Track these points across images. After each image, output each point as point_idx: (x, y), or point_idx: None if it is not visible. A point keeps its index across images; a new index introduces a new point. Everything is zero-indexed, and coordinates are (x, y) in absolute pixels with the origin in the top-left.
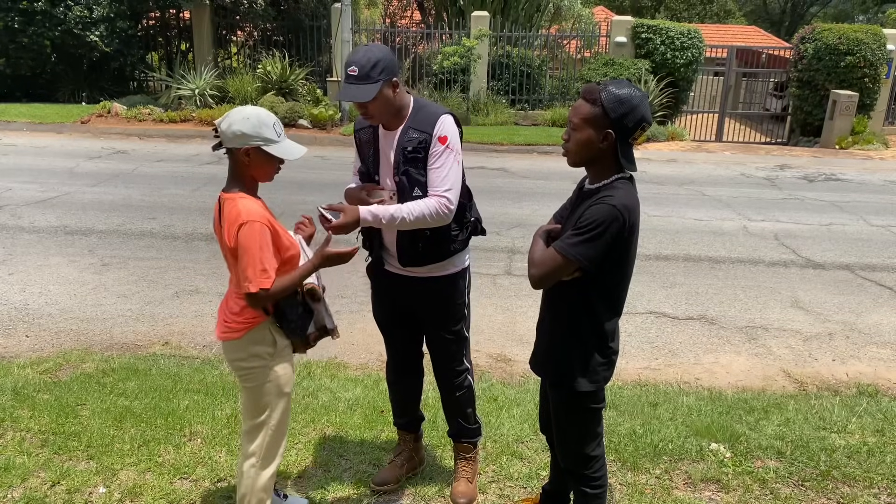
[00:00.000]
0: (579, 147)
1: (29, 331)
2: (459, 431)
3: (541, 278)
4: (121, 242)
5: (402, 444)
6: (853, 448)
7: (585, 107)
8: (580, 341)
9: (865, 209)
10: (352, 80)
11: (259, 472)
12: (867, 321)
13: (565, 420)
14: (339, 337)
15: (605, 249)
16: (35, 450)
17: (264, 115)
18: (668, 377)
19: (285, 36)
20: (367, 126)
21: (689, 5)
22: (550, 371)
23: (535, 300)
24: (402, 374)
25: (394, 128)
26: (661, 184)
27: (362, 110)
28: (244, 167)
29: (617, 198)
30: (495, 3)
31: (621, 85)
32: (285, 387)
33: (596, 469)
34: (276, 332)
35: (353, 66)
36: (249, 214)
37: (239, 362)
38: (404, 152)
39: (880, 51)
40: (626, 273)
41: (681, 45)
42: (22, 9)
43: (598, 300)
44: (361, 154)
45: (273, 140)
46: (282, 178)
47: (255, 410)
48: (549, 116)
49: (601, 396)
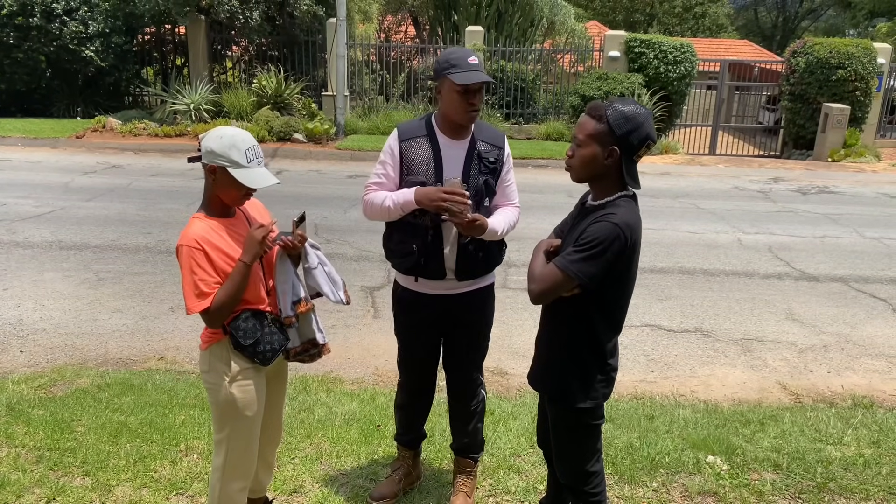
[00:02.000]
0: (584, 164)
1: (23, 346)
2: (466, 446)
3: (540, 294)
4: (116, 257)
5: (400, 459)
6: (849, 460)
7: (591, 123)
8: (579, 358)
9: (859, 221)
10: (475, 68)
11: (223, 486)
12: (862, 333)
13: (564, 436)
14: (330, 352)
15: (606, 267)
16: (30, 466)
17: (239, 139)
18: (664, 390)
19: (280, 51)
20: (421, 135)
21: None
22: (549, 387)
23: (531, 314)
24: (419, 396)
25: (462, 137)
26: (655, 197)
27: (473, 101)
28: (210, 185)
29: (619, 216)
30: (489, 17)
31: (626, 102)
32: (245, 410)
33: (595, 485)
34: (232, 353)
35: (472, 56)
36: (183, 237)
37: (203, 373)
38: (484, 162)
39: (871, 64)
40: (627, 291)
41: (674, 59)
42: (17, 24)
43: (598, 317)
44: (411, 164)
45: (240, 164)
46: (278, 192)
47: (216, 425)
48: (543, 130)
49: (600, 413)
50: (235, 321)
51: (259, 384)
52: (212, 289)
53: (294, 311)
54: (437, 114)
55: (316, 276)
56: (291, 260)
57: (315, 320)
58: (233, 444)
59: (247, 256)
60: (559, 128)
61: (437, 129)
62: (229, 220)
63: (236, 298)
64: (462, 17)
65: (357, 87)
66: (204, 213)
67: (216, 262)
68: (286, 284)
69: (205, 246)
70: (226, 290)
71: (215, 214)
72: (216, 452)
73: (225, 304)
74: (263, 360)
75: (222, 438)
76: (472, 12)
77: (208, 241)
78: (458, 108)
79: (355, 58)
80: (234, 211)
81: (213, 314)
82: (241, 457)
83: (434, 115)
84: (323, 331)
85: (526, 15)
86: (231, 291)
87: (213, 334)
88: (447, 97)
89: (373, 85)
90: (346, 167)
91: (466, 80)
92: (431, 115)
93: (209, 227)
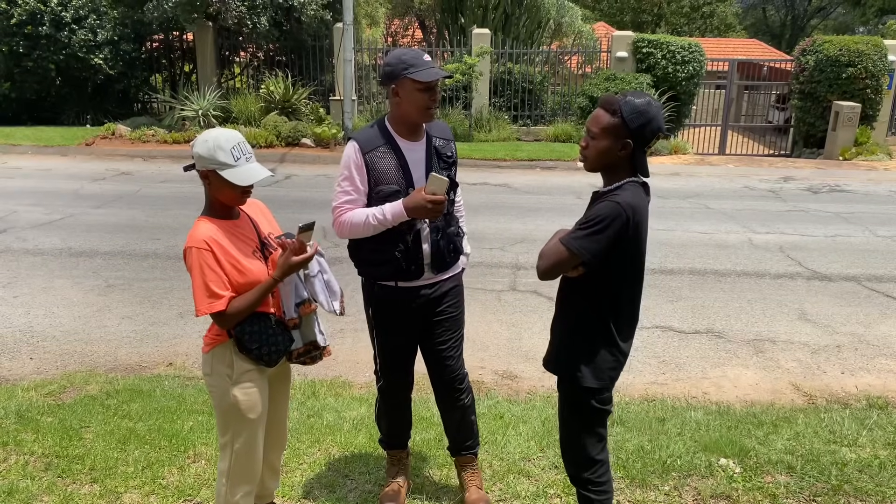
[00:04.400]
0: (598, 155)
1: (33, 353)
2: (463, 443)
3: (545, 270)
4: (125, 264)
5: (395, 463)
6: (864, 462)
7: (605, 117)
8: (588, 339)
9: (871, 220)
10: (432, 65)
11: (228, 490)
12: (875, 332)
13: (569, 417)
14: (331, 354)
15: (607, 245)
16: (39, 473)
17: (223, 139)
18: (676, 392)
19: (288, 56)
20: (381, 144)
21: (690, 20)
22: (559, 366)
23: (541, 316)
24: (401, 394)
25: (419, 138)
26: (664, 197)
27: (433, 97)
28: (207, 189)
29: (622, 196)
30: (496, 20)
31: (639, 95)
32: (248, 413)
33: (600, 473)
34: (236, 356)
35: (425, 54)
36: (191, 239)
37: (206, 376)
38: (443, 158)
39: (881, 62)
40: (633, 273)
41: (682, 59)
42: (27, 33)
43: (606, 299)
44: (382, 174)
45: (228, 164)
46: (285, 197)
47: (220, 429)
48: (551, 132)
49: (607, 398)
50: (241, 324)
51: (262, 386)
52: (223, 289)
53: (297, 313)
54: (389, 117)
55: (314, 283)
56: None
57: (317, 322)
58: (237, 447)
59: (279, 274)
60: (567, 129)
61: (393, 134)
62: (233, 221)
63: (254, 308)
64: (469, 20)
65: (365, 91)
66: (207, 217)
67: (223, 264)
68: (289, 286)
69: (213, 246)
70: (247, 300)
71: (218, 217)
72: (221, 457)
73: (242, 312)
74: (269, 361)
75: (227, 442)
76: (478, 15)
77: (216, 241)
78: (420, 107)
79: (362, 62)
80: (237, 213)
81: (229, 318)
82: (245, 460)
83: (386, 119)
84: (324, 333)
85: (533, 17)
86: (252, 302)
87: (216, 336)
88: (408, 98)
89: (380, 89)
90: None
91: (429, 76)
92: (384, 120)
93: (215, 228)
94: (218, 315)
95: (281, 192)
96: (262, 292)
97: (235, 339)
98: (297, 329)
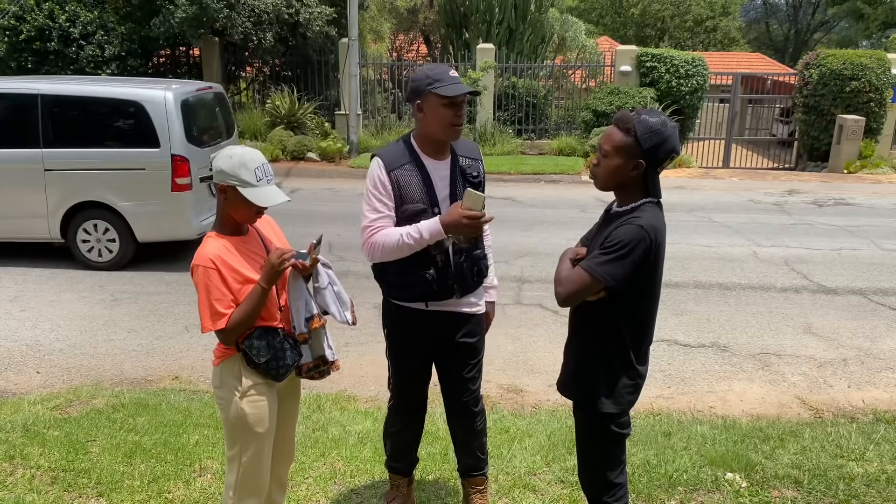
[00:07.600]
0: (609, 174)
1: (40, 367)
2: (475, 465)
3: (567, 297)
4: (131, 277)
5: (395, 489)
6: (872, 476)
7: (618, 135)
8: (606, 363)
9: (876, 233)
10: (458, 80)
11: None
12: (882, 346)
13: (588, 443)
14: (339, 369)
15: (631, 269)
16: (45, 487)
17: (248, 158)
18: (681, 406)
19: (294, 71)
20: (407, 162)
21: (693, 34)
22: (576, 392)
23: (546, 330)
24: (414, 416)
25: (445, 156)
26: (669, 210)
27: (459, 113)
28: (222, 204)
29: (644, 219)
30: (500, 35)
31: (654, 114)
32: (256, 426)
33: (619, 497)
34: (244, 369)
35: (451, 70)
36: (198, 257)
37: (215, 389)
38: (469, 178)
39: (885, 75)
40: (653, 296)
41: (685, 73)
42: (35, 49)
43: (624, 322)
44: (407, 193)
45: (250, 183)
46: (292, 211)
47: (228, 442)
48: (555, 145)
49: (626, 422)
50: (249, 339)
51: (271, 400)
52: (227, 307)
53: (307, 328)
54: (415, 135)
55: (325, 295)
56: (303, 278)
57: (326, 337)
58: (245, 460)
59: (264, 281)
60: (571, 143)
61: (419, 152)
62: (242, 238)
63: (252, 319)
64: (473, 35)
65: (370, 106)
66: (217, 233)
67: (229, 282)
68: (299, 301)
69: (219, 265)
70: (242, 311)
71: (228, 233)
72: (228, 470)
73: (240, 325)
74: (276, 375)
75: (234, 455)
76: (482, 30)
77: (223, 259)
78: (445, 123)
79: (368, 77)
80: (246, 229)
81: (229, 333)
82: (253, 474)
83: (412, 136)
84: (333, 347)
85: (537, 31)
86: (247, 312)
87: (225, 350)
88: (433, 113)
89: (385, 103)
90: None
91: (454, 91)
92: (409, 137)
93: (223, 245)
94: (220, 332)
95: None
96: (254, 301)
97: (243, 353)
98: (306, 344)
